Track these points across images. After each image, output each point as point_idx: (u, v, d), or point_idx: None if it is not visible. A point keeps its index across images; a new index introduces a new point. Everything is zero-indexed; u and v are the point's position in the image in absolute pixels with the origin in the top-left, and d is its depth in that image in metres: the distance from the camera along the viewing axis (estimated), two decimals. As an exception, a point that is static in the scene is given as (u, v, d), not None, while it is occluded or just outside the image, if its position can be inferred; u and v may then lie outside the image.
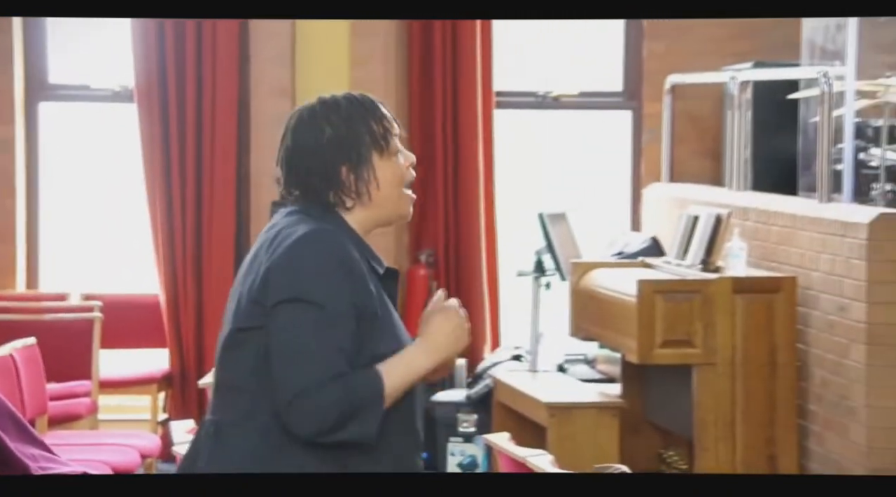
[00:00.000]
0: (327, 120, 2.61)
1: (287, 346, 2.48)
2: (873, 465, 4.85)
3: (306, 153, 2.60)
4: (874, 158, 6.06)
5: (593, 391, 5.77)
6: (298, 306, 2.48)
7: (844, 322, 5.00)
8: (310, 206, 2.61)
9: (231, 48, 6.82)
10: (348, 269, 2.52)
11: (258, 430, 2.52)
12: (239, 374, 2.55)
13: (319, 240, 2.53)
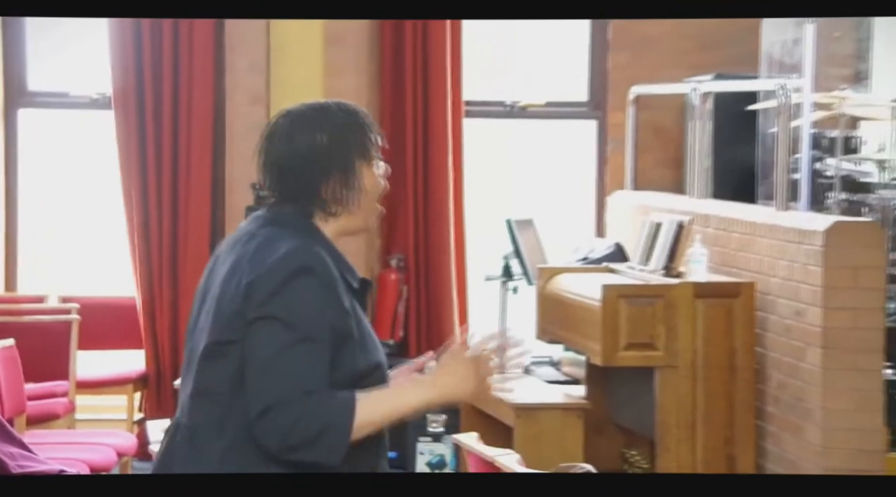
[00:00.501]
0: (322, 127, 2.60)
1: (261, 363, 2.47)
2: (828, 465, 4.87)
3: (300, 158, 2.58)
4: (830, 168, 6.11)
5: (559, 392, 5.78)
6: (277, 325, 2.47)
7: (801, 326, 5.02)
8: (285, 214, 2.60)
9: (207, 57, 6.80)
10: (329, 292, 2.51)
11: (233, 440, 2.51)
12: (217, 384, 2.53)
13: (303, 259, 2.51)
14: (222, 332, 2.52)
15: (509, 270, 6.14)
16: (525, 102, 7.23)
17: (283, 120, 2.63)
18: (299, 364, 2.46)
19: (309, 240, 2.56)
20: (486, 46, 7.27)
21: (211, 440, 2.53)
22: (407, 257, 7.02)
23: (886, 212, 5.93)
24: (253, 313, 2.49)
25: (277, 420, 2.45)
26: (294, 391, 2.45)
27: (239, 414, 2.50)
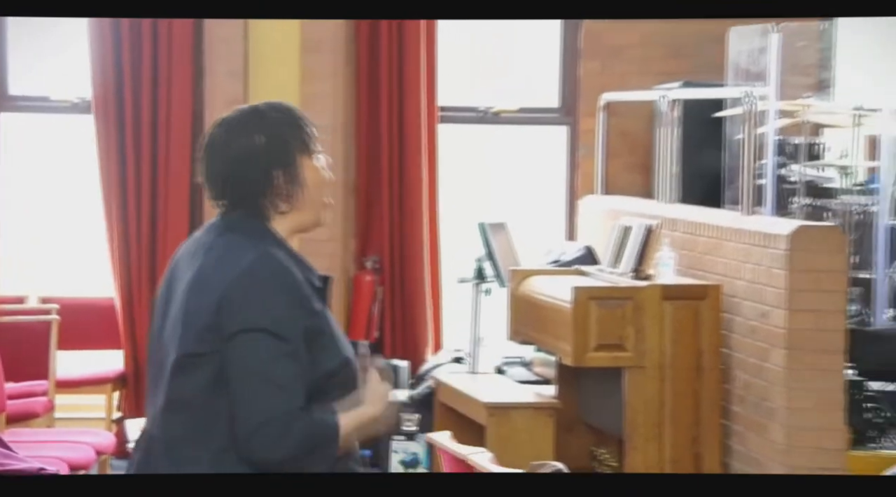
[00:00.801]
0: (258, 128, 2.59)
1: (250, 376, 2.46)
2: (791, 463, 4.90)
3: (242, 161, 2.58)
4: (794, 174, 6.15)
5: (530, 392, 5.79)
6: (258, 336, 2.46)
7: (765, 328, 5.05)
8: (238, 220, 2.58)
9: (185, 62, 6.79)
10: (298, 295, 2.51)
11: (213, 451, 2.50)
12: (192, 396, 2.51)
13: (269, 268, 2.51)
14: (193, 344, 2.50)
15: (482, 272, 6.15)
16: (498, 108, 7.24)
17: (218, 129, 2.63)
18: (286, 373, 2.46)
19: (267, 245, 2.55)
20: (461, 53, 7.28)
21: (193, 451, 2.51)
22: (382, 259, 7.02)
23: (848, 216, 5.97)
24: (230, 327, 2.47)
25: (274, 434, 2.45)
26: (287, 404, 2.45)
27: (221, 422, 2.49)
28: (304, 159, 2.60)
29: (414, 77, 6.95)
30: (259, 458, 2.46)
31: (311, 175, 2.61)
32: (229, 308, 2.47)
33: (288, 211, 2.59)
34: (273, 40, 6.78)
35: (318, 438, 2.48)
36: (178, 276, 2.59)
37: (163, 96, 6.78)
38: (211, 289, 2.50)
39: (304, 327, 2.49)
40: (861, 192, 6.07)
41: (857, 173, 6.18)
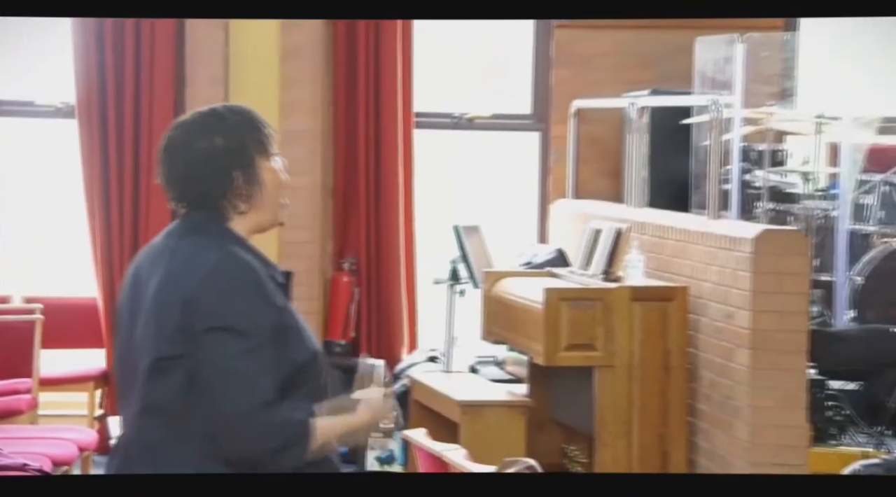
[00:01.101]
0: (217, 130, 2.58)
1: (221, 374, 2.44)
2: (754, 460, 4.91)
3: (202, 163, 2.56)
4: (758, 179, 6.18)
5: (502, 390, 5.79)
6: (227, 335, 2.44)
7: (731, 328, 5.06)
8: (199, 222, 2.57)
9: (167, 68, 6.76)
10: (263, 293, 2.50)
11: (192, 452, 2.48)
12: (168, 399, 2.50)
13: (233, 267, 2.49)
14: (165, 348, 2.48)
15: (456, 274, 6.15)
16: (472, 115, 7.25)
17: (176, 131, 2.62)
18: (255, 369, 2.45)
19: (231, 245, 2.54)
20: (437, 61, 7.28)
21: (173, 453, 2.49)
22: (359, 261, 7.02)
23: (810, 221, 6.01)
24: (198, 327, 2.46)
25: (240, 433, 2.43)
26: (257, 399, 2.44)
27: (198, 422, 2.47)
28: (261, 160, 2.59)
29: (390, 84, 6.95)
30: (229, 453, 2.44)
31: (269, 176, 2.60)
32: (196, 308, 2.46)
33: (247, 211, 2.58)
34: (253, 48, 6.76)
35: (288, 435, 2.46)
36: (143, 282, 2.56)
37: (145, 102, 6.76)
38: (178, 291, 2.48)
39: (271, 323, 2.48)
40: (822, 198, 6.11)
41: (818, 179, 6.22)
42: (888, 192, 5.94)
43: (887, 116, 6.43)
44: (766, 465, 4.87)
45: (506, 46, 7.35)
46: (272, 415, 2.44)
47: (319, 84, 6.94)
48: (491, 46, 7.35)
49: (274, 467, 2.47)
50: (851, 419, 5.21)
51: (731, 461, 5.02)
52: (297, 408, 2.49)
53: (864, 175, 6.06)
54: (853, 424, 5.21)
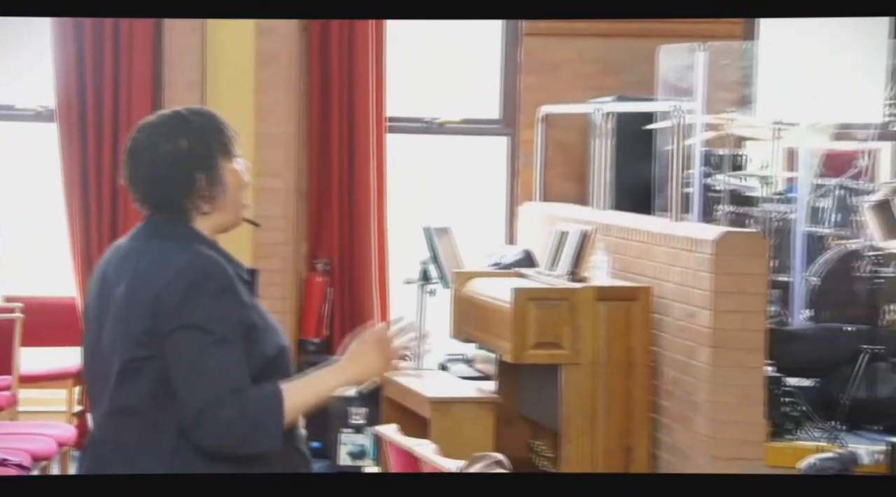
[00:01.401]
0: (181, 132, 2.55)
1: (187, 369, 2.42)
2: (714, 454, 4.94)
3: (167, 165, 2.54)
4: (718, 183, 6.21)
5: (471, 387, 5.80)
6: (193, 333, 2.42)
7: (692, 327, 5.09)
8: (164, 223, 2.55)
9: (145, 74, 6.73)
10: (231, 291, 2.48)
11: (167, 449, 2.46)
12: (139, 400, 2.47)
13: (200, 266, 2.48)
14: (135, 349, 2.46)
15: (427, 274, 6.16)
16: (442, 119, 7.25)
17: (140, 134, 2.59)
18: (221, 364, 2.43)
19: (196, 245, 2.52)
20: (409, 67, 7.29)
21: (144, 453, 2.47)
22: (332, 261, 7.01)
23: (768, 223, 6.04)
24: (166, 327, 2.44)
25: (212, 422, 2.41)
26: (222, 391, 2.41)
27: (171, 421, 2.45)
28: (224, 162, 2.57)
29: (363, 89, 6.95)
30: (209, 444, 2.42)
31: (232, 177, 2.58)
32: (165, 309, 2.44)
33: (210, 212, 2.56)
34: (229, 53, 6.75)
35: (262, 410, 2.44)
36: (111, 284, 2.54)
37: (123, 105, 6.73)
38: (147, 293, 2.46)
39: (240, 321, 2.47)
40: (780, 201, 6.15)
41: (776, 183, 6.26)
42: (843, 195, 5.98)
43: (842, 123, 6.47)
44: (725, 458, 4.90)
45: (476, 54, 7.36)
46: (243, 399, 2.43)
47: (294, 89, 6.92)
48: (461, 54, 7.36)
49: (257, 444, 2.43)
50: (807, 415, 5.25)
51: (692, 456, 5.05)
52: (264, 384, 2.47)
53: (820, 179, 6.10)
54: (809, 420, 5.25)
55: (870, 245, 5.57)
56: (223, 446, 2.43)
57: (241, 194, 2.60)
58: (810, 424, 5.22)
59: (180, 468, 2.46)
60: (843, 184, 6.02)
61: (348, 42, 6.97)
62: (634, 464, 5.21)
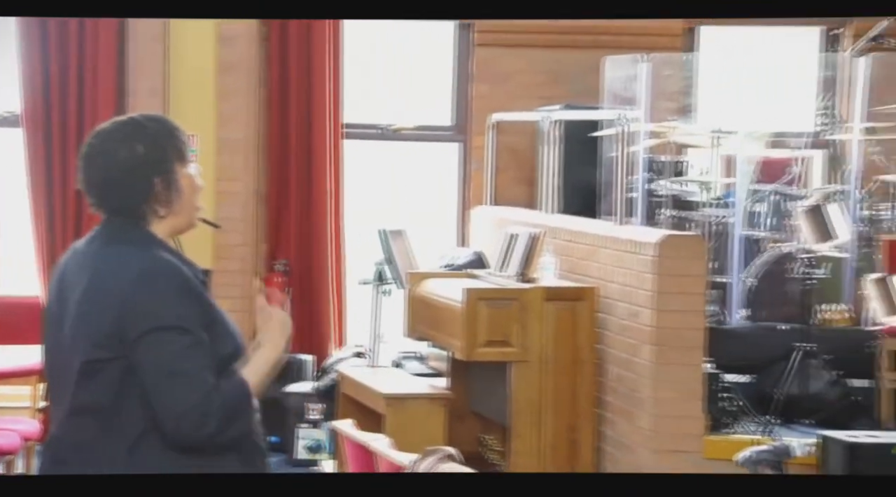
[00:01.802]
0: (137, 138, 2.54)
1: (166, 371, 2.42)
2: (656, 447, 4.98)
3: (124, 169, 2.52)
4: (661, 188, 6.26)
5: (425, 384, 5.80)
6: (170, 334, 2.42)
7: (635, 326, 5.12)
8: (120, 227, 2.54)
9: (109, 81, 6.70)
10: (191, 292, 2.48)
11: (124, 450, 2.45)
12: (100, 399, 2.46)
13: (161, 270, 2.48)
14: (96, 351, 2.45)
15: (382, 275, 6.16)
16: (397, 126, 7.27)
17: (96, 139, 2.57)
18: (196, 363, 2.43)
19: (154, 248, 2.52)
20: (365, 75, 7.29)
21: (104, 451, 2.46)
22: (290, 262, 7.00)
23: (708, 227, 6.10)
24: (136, 330, 2.43)
25: (198, 420, 2.42)
26: (202, 388, 2.43)
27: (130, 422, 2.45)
28: (180, 167, 2.56)
29: (320, 96, 6.95)
30: (192, 440, 2.43)
31: (187, 182, 2.57)
32: (132, 313, 2.43)
33: (165, 216, 2.55)
34: (191, 61, 6.72)
35: (237, 401, 2.47)
36: (70, 287, 2.52)
37: (88, 112, 6.69)
38: (109, 297, 2.45)
39: (201, 320, 2.48)
40: (719, 206, 6.20)
41: (715, 189, 6.31)
42: (778, 200, 6.05)
43: (776, 132, 6.56)
44: (666, 451, 4.94)
45: (429, 63, 7.38)
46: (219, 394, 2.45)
47: (254, 96, 6.91)
48: (416, 64, 7.38)
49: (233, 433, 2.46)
50: (743, 409, 5.30)
51: (635, 449, 5.09)
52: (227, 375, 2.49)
53: (756, 185, 6.17)
54: (745, 414, 5.30)
55: (803, 248, 5.65)
56: (208, 436, 2.44)
57: (195, 198, 2.60)
58: (746, 419, 5.27)
59: (137, 468, 2.45)
60: (778, 190, 6.10)
61: (306, 51, 6.97)
62: (580, 457, 5.25)
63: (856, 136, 6.21)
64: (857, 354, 5.51)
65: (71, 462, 2.50)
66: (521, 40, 7.12)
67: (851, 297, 5.99)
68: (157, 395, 2.44)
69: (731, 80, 6.72)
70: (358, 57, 7.21)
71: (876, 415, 5.39)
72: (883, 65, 6.34)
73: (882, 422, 5.34)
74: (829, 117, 6.30)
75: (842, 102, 6.51)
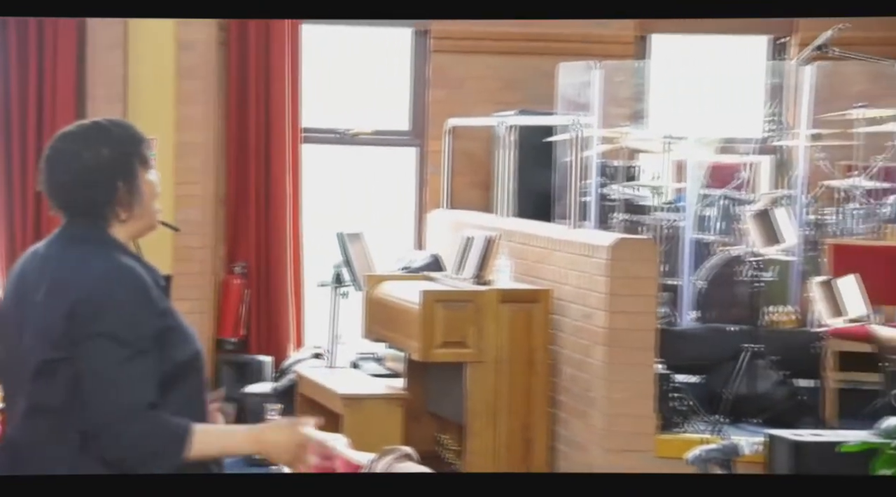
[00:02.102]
0: (102, 142, 2.51)
1: (97, 379, 2.38)
2: (608, 446, 5.00)
3: (88, 172, 2.49)
4: (613, 193, 6.29)
5: (382, 385, 5.80)
6: (109, 343, 2.38)
7: (588, 327, 5.14)
8: (82, 230, 2.51)
9: (69, 86, 6.64)
10: (148, 299, 2.44)
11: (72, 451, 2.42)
12: (52, 400, 2.43)
13: (118, 275, 2.44)
14: (51, 351, 2.42)
15: (340, 278, 6.14)
16: (355, 131, 7.24)
17: (60, 142, 2.53)
18: (135, 378, 2.39)
19: (114, 252, 2.48)
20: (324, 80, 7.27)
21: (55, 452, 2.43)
22: (249, 264, 6.96)
23: (659, 230, 6.13)
24: (82, 332, 2.40)
25: (116, 435, 2.37)
26: (132, 407, 2.38)
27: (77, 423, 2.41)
28: (142, 172, 2.54)
29: (279, 101, 6.92)
30: (107, 455, 2.39)
31: (148, 187, 2.55)
32: (81, 315, 2.40)
33: (127, 220, 2.52)
34: (151, 66, 6.67)
35: (164, 438, 2.40)
36: (30, 289, 2.48)
37: (48, 117, 6.62)
38: (65, 298, 2.42)
39: (155, 327, 2.43)
40: (670, 210, 6.24)
41: (666, 193, 6.35)
42: (727, 205, 6.09)
43: (725, 138, 6.61)
44: (618, 450, 4.96)
45: (387, 70, 7.37)
46: (149, 419, 2.39)
47: (213, 101, 6.87)
48: (373, 70, 7.37)
49: (152, 469, 2.40)
50: (693, 409, 5.33)
51: (588, 447, 5.11)
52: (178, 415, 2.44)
53: (706, 190, 6.21)
54: (695, 413, 5.33)
55: (751, 251, 5.68)
56: (121, 460, 2.39)
57: (154, 202, 2.58)
58: (696, 418, 5.30)
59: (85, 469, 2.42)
60: (727, 194, 6.14)
61: (265, 56, 6.94)
62: (534, 456, 5.26)
63: (802, 142, 6.27)
64: (803, 355, 5.56)
65: (26, 463, 2.46)
66: (476, 47, 7.13)
67: (798, 299, 6.04)
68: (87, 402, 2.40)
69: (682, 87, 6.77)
70: (317, 62, 7.18)
71: (821, 414, 5.44)
72: (827, 73, 6.41)
73: (826, 421, 5.38)
74: (776, 124, 6.35)
75: (788, 109, 6.56)
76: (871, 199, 6.12)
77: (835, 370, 5.44)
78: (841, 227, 6.07)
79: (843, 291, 5.18)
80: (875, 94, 6.43)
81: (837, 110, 6.18)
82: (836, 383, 5.43)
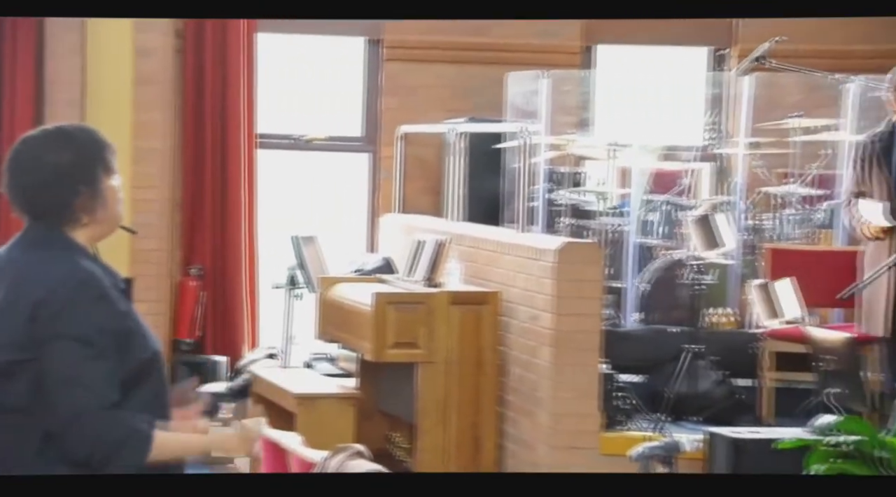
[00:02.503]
0: (66, 147, 2.49)
1: (60, 380, 2.37)
2: (555, 443, 5.01)
3: (50, 177, 2.47)
4: (560, 198, 6.32)
5: (334, 384, 5.78)
6: (72, 344, 2.37)
7: (536, 329, 5.15)
8: (43, 233, 2.49)
9: (27, 92, 6.56)
10: (108, 301, 2.43)
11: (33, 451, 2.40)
12: (15, 400, 2.41)
13: (78, 277, 2.42)
14: (12, 352, 2.40)
15: (294, 280, 6.12)
16: (309, 136, 7.22)
17: (23, 146, 2.52)
18: (97, 378, 2.38)
19: (75, 255, 2.47)
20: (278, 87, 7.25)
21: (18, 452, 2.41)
22: (205, 267, 6.92)
23: (604, 235, 6.17)
24: (44, 334, 2.38)
25: (80, 432, 2.36)
26: (97, 406, 2.37)
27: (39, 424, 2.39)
28: (105, 177, 2.52)
29: (235, 107, 6.89)
30: (71, 455, 2.38)
31: (111, 193, 2.53)
32: (44, 316, 2.39)
33: (88, 223, 2.50)
34: (108, 73, 6.62)
35: (127, 440, 2.39)
36: None
37: (6, 122, 6.54)
38: (26, 300, 2.41)
39: (115, 330, 2.42)
40: (615, 215, 6.28)
41: (611, 198, 6.39)
42: (669, 210, 6.14)
43: (668, 145, 6.66)
44: (564, 448, 4.98)
45: (340, 77, 7.36)
46: (112, 421, 2.38)
47: (170, 107, 6.82)
48: (327, 77, 7.35)
49: (116, 468, 2.39)
50: (636, 407, 5.36)
51: (535, 445, 5.12)
52: (140, 417, 2.43)
53: (649, 196, 6.26)
54: (638, 412, 5.36)
55: (692, 255, 5.73)
56: (85, 460, 2.38)
57: (118, 207, 2.56)
58: (639, 416, 5.33)
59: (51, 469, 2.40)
60: (670, 200, 6.19)
61: (221, 63, 6.90)
62: (483, 453, 5.26)
63: (741, 150, 6.34)
64: (742, 355, 5.61)
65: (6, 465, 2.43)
66: (428, 56, 7.14)
67: (736, 301, 6.10)
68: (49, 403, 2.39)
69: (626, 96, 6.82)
70: (272, 70, 7.16)
71: (758, 412, 5.49)
72: (765, 84, 6.49)
73: (763, 418, 5.44)
74: (716, 132, 6.41)
75: (728, 118, 6.64)
76: (806, 206, 6.20)
77: (771, 370, 5.50)
78: (778, 232, 6.14)
79: (780, 294, 5.24)
80: (810, 105, 6.52)
81: (774, 120, 6.25)
82: (773, 383, 5.49)
